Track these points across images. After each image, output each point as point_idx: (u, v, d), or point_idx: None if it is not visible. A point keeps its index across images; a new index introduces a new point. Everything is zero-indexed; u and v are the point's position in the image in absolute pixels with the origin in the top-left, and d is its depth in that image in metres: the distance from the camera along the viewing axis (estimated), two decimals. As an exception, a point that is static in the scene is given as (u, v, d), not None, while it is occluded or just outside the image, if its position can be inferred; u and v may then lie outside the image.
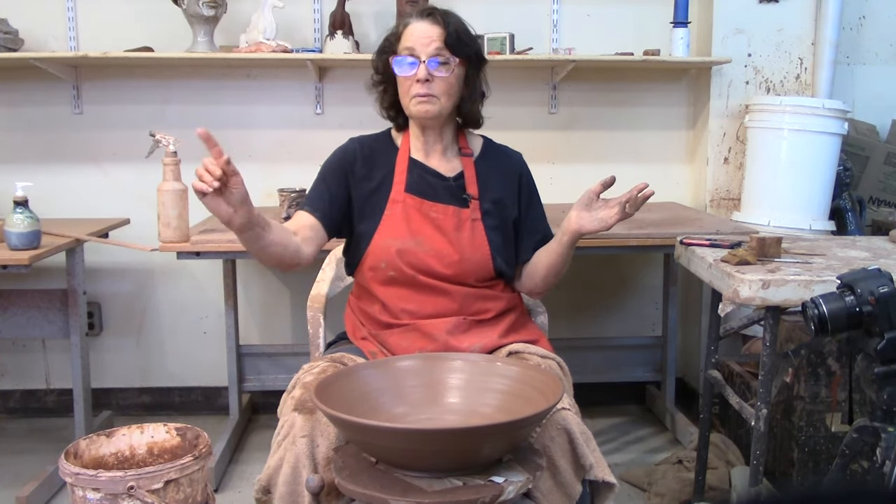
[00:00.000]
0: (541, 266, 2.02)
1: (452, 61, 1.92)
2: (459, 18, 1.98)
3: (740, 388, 2.73)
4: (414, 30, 1.93)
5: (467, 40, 1.96)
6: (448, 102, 1.95)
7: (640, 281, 3.53)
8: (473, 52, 1.99)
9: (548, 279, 2.02)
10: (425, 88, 1.90)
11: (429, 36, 1.91)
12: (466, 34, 1.97)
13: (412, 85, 1.91)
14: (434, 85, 1.91)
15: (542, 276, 2.02)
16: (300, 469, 1.65)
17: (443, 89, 1.92)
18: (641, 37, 3.31)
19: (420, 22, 1.94)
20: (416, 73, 1.90)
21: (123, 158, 3.29)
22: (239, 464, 2.98)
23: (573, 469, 1.73)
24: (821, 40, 3.22)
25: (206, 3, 2.96)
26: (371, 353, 1.95)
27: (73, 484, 1.85)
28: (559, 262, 1.98)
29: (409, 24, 1.95)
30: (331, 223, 1.96)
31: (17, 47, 3.09)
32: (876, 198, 3.34)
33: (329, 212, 1.96)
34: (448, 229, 1.96)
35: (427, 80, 1.90)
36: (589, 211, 1.93)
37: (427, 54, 1.90)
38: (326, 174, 2.01)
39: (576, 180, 3.40)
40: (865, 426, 1.71)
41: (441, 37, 1.91)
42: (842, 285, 1.69)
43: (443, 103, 1.93)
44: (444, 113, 1.95)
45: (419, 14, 1.96)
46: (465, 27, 1.98)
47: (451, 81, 1.93)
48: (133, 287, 3.40)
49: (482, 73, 2.04)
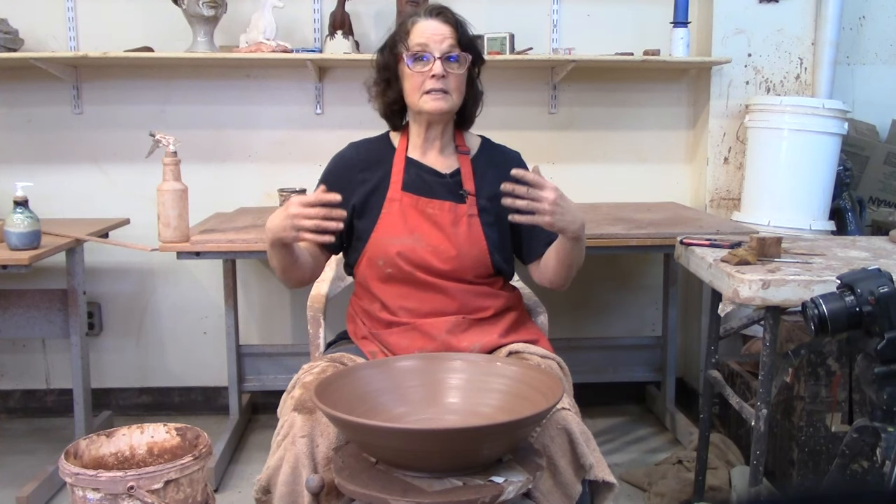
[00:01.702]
0: (552, 259, 2.00)
1: (465, 59, 1.96)
2: (464, 19, 2.01)
3: (740, 388, 2.74)
4: (425, 27, 1.95)
5: (473, 40, 2.01)
6: (458, 99, 1.98)
7: (640, 281, 3.53)
8: (477, 53, 2.03)
9: (559, 272, 1.99)
10: (440, 84, 1.93)
11: (441, 33, 1.94)
12: (471, 34, 2.02)
13: (425, 81, 1.93)
14: (448, 81, 1.94)
15: (553, 269, 2.00)
16: (300, 469, 1.66)
17: (455, 85, 1.96)
18: (641, 37, 3.31)
19: (431, 20, 1.96)
20: (432, 69, 1.92)
21: (123, 158, 3.29)
22: (239, 464, 2.98)
23: (573, 469, 1.73)
24: (821, 40, 3.22)
25: (206, 3, 2.96)
26: (371, 353, 1.95)
27: (73, 484, 1.85)
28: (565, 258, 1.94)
29: (419, 21, 1.97)
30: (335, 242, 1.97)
31: (17, 47, 3.09)
32: (876, 198, 3.34)
33: None
34: (445, 225, 1.96)
35: (443, 75, 1.92)
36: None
37: (441, 51, 1.93)
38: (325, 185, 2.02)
39: (576, 180, 3.40)
40: (865, 426, 1.71)
41: (453, 35, 1.95)
42: (842, 285, 1.69)
43: (454, 99, 1.97)
44: (453, 109, 1.99)
45: (428, 12, 1.98)
46: (468, 28, 2.02)
47: (462, 78, 1.97)
48: (133, 287, 3.40)
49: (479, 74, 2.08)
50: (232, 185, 3.31)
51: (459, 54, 1.95)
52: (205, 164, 3.27)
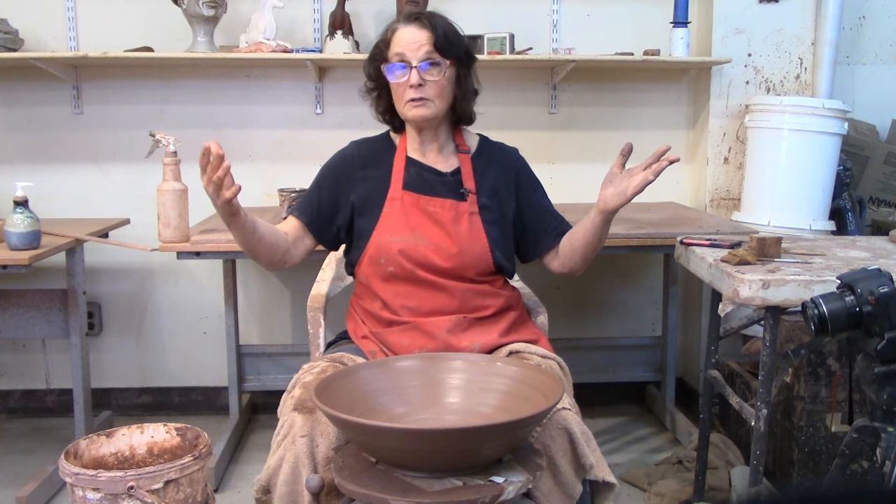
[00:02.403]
0: (578, 245, 2.03)
1: (443, 63, 1.94)
2: (446, 19, 1.99)
3: (740, 388, 2.74)
4: (402, 35, 1.95)
5: (455, 41, 1.97)
6: (442, 104, 1.97)
7: (640, 281, 3.53)
8: (462, 52, 2.00)
9: (586, 256, 2.04)
10: (419, 93, 1.93)
11: (417, 40, 1.93)
12: (454, 35, 1.98)
13: (405, 90, 1.94)
14: (427, 88, 1.93)
15: (580, 254, 2.04)
16: (300, 469, 1.66)
17: (436, 92, 1.94)
18: (641, 37, 3.31)
19: (407, 27, 1.95)
20: (409, 79, 1.92)
21: (123, 158, 3.29)
22: (239, 464, 2.98)
23: (573, 469, 1.73)
24: (821, 40, 3.22)
25: (206, 3, 2.96)
26: (371, 353, 1.95)
27: (73, 484, 1.85)
28: (594, 241, 2.00)
29: (397, 29, 1.97)
30: (317, 228, 2.04)
31: (17, 47, 3.09)
32: (876, 198, 3.34)
33: (316, 217, 2.03)
34: (446, 222, 1.97)
35: (420, 84, 1.92)
36: (612, 186, 1.93)
37: (417, 59, 1.92)
38: (321, 179, 2.07)
39: (576, 180, 3.40)
40: (865, 426, 1.71)
41: (430, 40, 1.93)
42: (842, 285, 1.69)
43: (437, 105, 1.96)
44: (438, 115, 1.98)
45: (406, 19, 1.97)
46: (452, 28, 1.99)
47: (442, 83, 1.95)
48: (133, 287, 3.40)
49: (473, 71, 2.05)
50: (232, 185, 3.30)
51: (438, 59, 1.93)
52: (205, 164, 3.26)
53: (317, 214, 2.03)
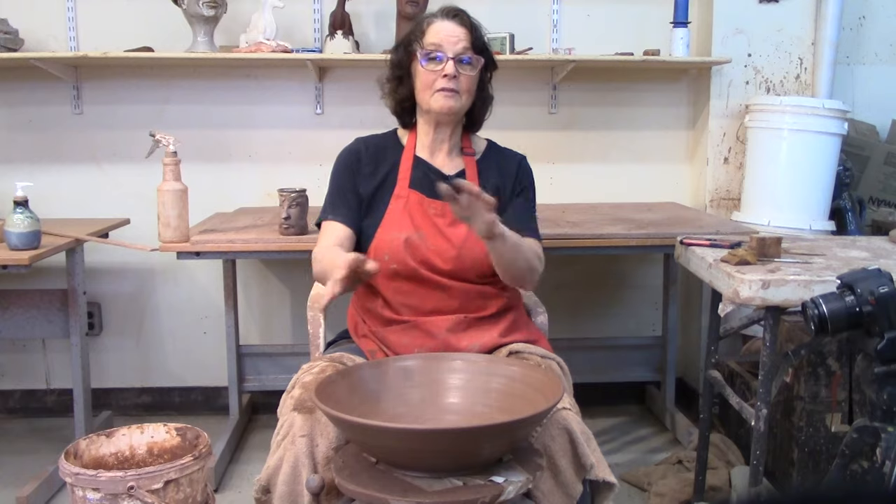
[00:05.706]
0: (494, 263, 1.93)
1: (477, 61, 1.98)
2: (479, 23, 2.03)
3: (740, 388, 2.73)
4: (440, 28, 1.98)
5: (487, 45, 2.04)
6: (468, 100, 2.00)
7: (640, 281, 3.53)
8: (490, 57, 2.05)
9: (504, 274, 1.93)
10: (452, 84, 1.95)
11: (456, 35, 1.97)
12: (484, 39, 2.03)
13: (437, 79, 1.95)
14: (459, 81, 1.96)
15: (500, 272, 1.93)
16: (300, 469, 1.66)
17: (466, 87, 1.98)
18: (641, 37, 3.31)
19: (447, 21, 1.99)
20: (444, 68, 1.94)
21: (123, 158, 3.29)
22: (239, 464, 2.98)
23: (574, 469, 1.73)
24: (821, 40, 3.22)
25: (206, 3, 2.96)
26: (370, 352, 1.95)
27: (73, 484, 1.85)
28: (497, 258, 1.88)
29: (434, 22, 2.00)
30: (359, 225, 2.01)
31: (17, 47, 3.09)
32: (876, 198, 3.34)
33: (356, 218, 2.01)
34: (445, 225, 1.97)
35: (455, 76, 1.95)
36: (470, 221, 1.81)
37: (455, 52, 1.96)
38: (339, 179, 2.05)
39: (576, 180, 3.40)
40: (865, 426, 1.71)
41: (467, 37, 1.98)
42: (842, 285, 1.69)
43: (464, 100, 1.99)
44: (462, 110, 2.01)
45: (444, 14, 2.01)
46: (482, 32, 2.03)
47: (473, 81, 1.99)
48: (133, 287, 3.40)
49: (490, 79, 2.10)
50: (232, 185, 3.31)
51: (472, 57, 1.97)
52: (205, 164, 3.27)
53: (356, 214, 2.00)
